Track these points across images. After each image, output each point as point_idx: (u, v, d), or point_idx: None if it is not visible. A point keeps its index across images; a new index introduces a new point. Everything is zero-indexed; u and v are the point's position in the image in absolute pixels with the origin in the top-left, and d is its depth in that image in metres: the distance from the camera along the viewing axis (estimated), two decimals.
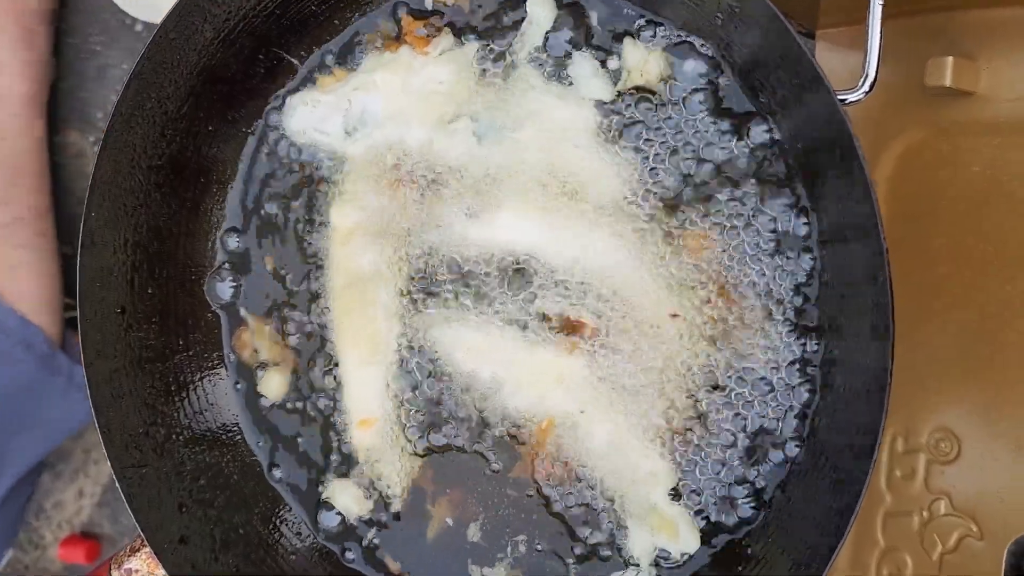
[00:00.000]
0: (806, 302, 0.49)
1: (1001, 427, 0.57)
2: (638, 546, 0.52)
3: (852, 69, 0.61)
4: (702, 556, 0.52)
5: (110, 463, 0.53)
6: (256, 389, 0.59)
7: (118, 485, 0.52)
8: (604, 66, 0.52)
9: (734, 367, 0.50)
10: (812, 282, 0.49)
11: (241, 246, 0.59)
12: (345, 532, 0.58)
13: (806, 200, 0.49)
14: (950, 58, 0.57)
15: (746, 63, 0.49)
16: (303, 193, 0.58)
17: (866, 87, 0.46)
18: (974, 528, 0.57)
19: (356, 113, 0.56)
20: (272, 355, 0.59)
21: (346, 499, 0.57)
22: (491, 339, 0.54)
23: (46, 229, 0.97)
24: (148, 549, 0.52)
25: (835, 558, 0.41)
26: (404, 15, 0.56)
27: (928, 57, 0.58)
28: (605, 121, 0.52)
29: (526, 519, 0.55)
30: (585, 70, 0.52)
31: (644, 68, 0.51)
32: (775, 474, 0.50)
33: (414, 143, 0.55)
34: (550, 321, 0.53)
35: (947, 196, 0.58)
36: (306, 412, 0.58)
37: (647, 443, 0.52)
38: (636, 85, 0.51)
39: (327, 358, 0.58)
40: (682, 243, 0.51)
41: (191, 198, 0.58)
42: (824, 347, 0.49)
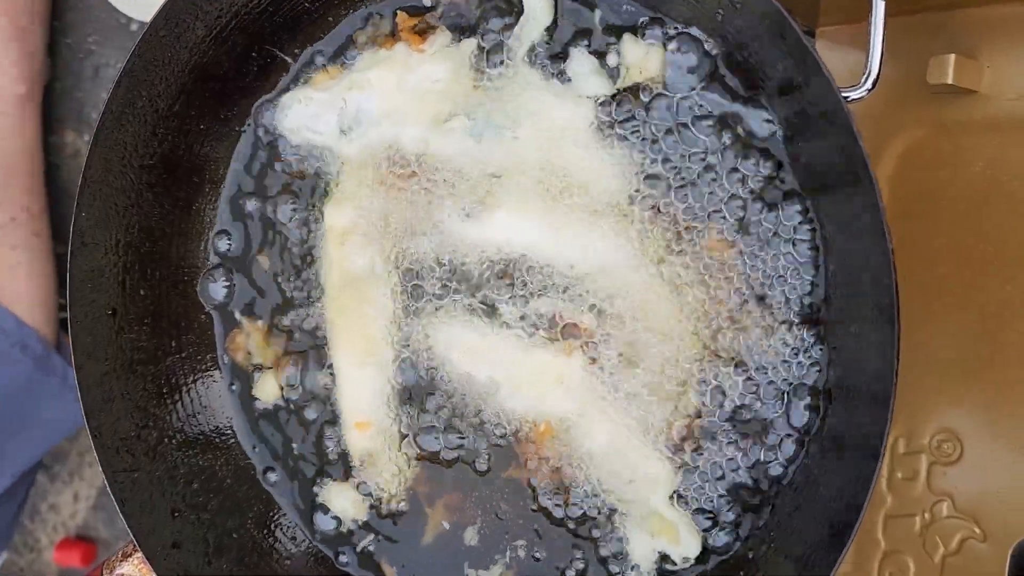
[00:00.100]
0: (809, 303, 0.49)
1: (1004, 428, 0.56)
2: (638, 551, 0.52)
3: (852, 67, 0.61)
4: (703, 560, 0.51)
5: (101, 467, 0.52)
6: (251, 392, 0.59)
7: (109, 490, 0.52)
8: (603, 63, 0.52)
9: (736, 369, 0.50)
10: (816, 283, 0.49)
11: (233, 248, 0.59)
12: (340, 535, 0.58)
13: (809, 198, 0.49)
14: (952, 55, 0.56)
15: (748, 59, 0.49)
16: (297, 193, 0.57)
17: (868, 84, 0.46)
18: (977, 530, 0.56)
19: (351, 112, 0.55)
20: (266, 357, 0.59)
21: (342, 502, 0.57)
22: (488, 340, 0.53)
23: (41, 229, 0.97)
24: (140, 554, 0.52)
25: (839, 564, 0.40)
26: (400, 12, 0.55)
27: (929, 55, 0.57)
28: (604, 119, 0.51)
29: (525, 524, 0.55)
30: (583, 67, 0.52)
31: (643, 65, 0.50)
32: (778, 477, 0.50)
33: (410, 142, 0.54)
34: (548, 322, 0.53)
35: (947, 196, 0.58)
36: (301, 415, 0.58)
37: (647, 446, 0.51)
38: (636, 82, 0.51)
39: (322, 360, 0.58)
40: (682, 243, 0.50)
41: (183, 198, 0.58)
42: (828, 348, 0.49)
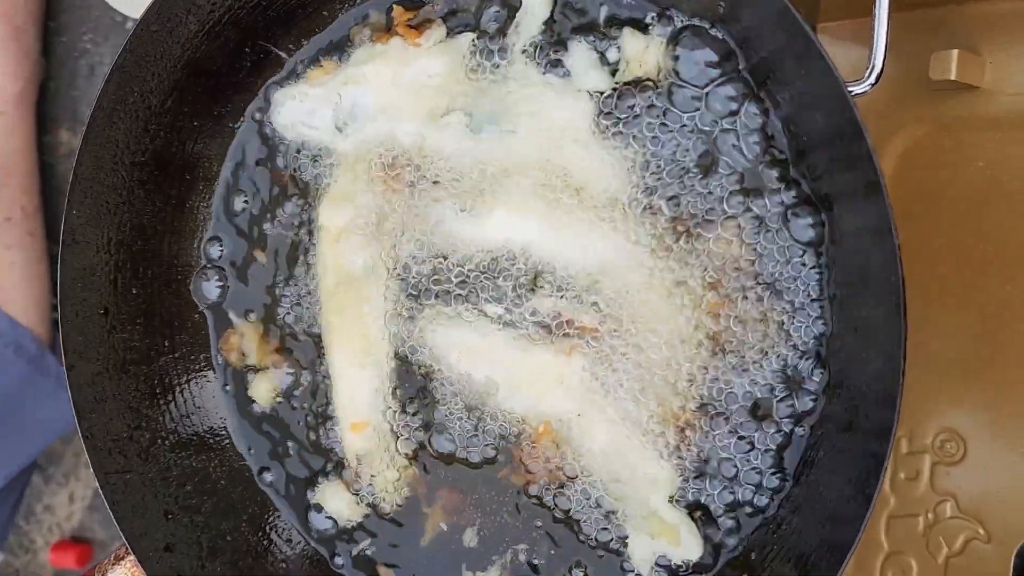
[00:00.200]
0: (814, 303, 0.49)
1: (1007, 428, 0.56)
2: (638, 553, 0.52)
3: (854, 63, 0.61)
4: (704, 563, 0.51)
5: (92, 469, 0.52)
6: (246, 393, 0.58)
7: (101, 492, 0.52)
8: (603, 57, 0.51)
9: (738, 369, 0.50)
10: (820, 282, 0.48)
11: (224, 254, 0.58)
12: (336, 536, 0.57)
13: (814, 195, 0.48)
14: (955, 51, 0.56)
15: (750, 52, 0.49)
16: (292, 190, 0.57)
17: (872, 79, 0.45)
18: (981, 531, 0.56)
19: (346, 107, 0.55)
20: (261, 358, 0.58)
21: (337, 503, 0.57)
22: (486, 340, 0.53)
23: (35, 229, 0.97)
24: (133, 557, 0.51)
25: (844, 567, 0.40)
26: (395, 6, 0.55)
27: (930, 52, 0.57)
28: (604, 114, 0.51)
29: (524, 527, 0.54)
30: (583, 61, 0.51)
31: (643, 59, 0.50)
32: (781, 479, 0.50)
33: (406, 138, 0.54)
34: (547, 321, 0.52)
35: (947, 196, 0.58)
36: (297, 415, 0.58)
37: (647, 447, 0.51)
38: (636, 77, 0.50)
39: (318, 360, 0.57)
40: (684, 241, 0.50)
41: (176, 195, 0.57)
42: (832, 349, 0.48)
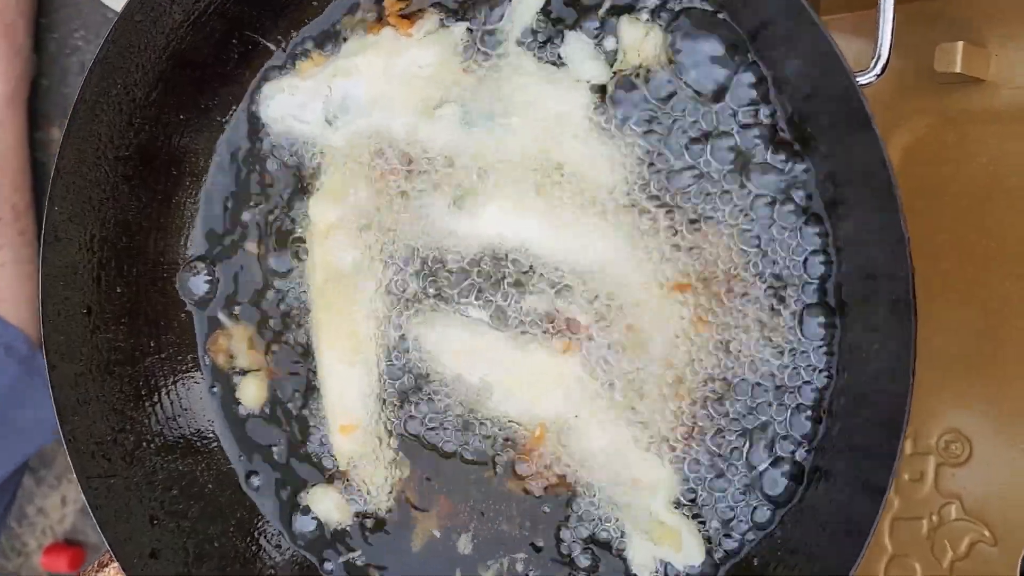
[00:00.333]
0: (819, 299, 0.48)
1: (1013, 428, 0.56)
2: (639, 558, 0.51)
3: (856, 56, 0.60)
4: (707, 569, 0.50)
5: (75, 473, 0.51)
6: (234, 395, 0.58)
7: (83, 496, 0.51)
8: (599, 46, 0.50)
9: (741, 367, 0.49)
10: (825, 278, 0.48)
11: (212, 249, 0.57)
12: (325, 541, 0.57)
13: (819, 189, 0.48)
14: (961, 43, 0.55)
15: (753, 42, 0.48)
16: (281, 185, 0.56)
17: (878, 69, 0.44)
18: (987, 534, 0.55)
19: (337, 100, 0.54)
20: (250, 360, 0.58)
21: (326, 507, 0.56)
22: (479, 340, 0.52)
23: (26, 228, 0.97)
24: (117, 564, 0.51)
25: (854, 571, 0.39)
26: None
27: (933, 44, 0.57)
28: (600, 105, 0.50)
29: (522, 535, 0.53)
30: (579, 51, 0.50)
31: (641, 47, 0.49)
32: (786, 482, 0.49)
33: (398, 131, 0.53)
34: (542, 319, 0.51)
35: (950, 191, 0.57)
36: (286, 417, 0.57)
37: (647, 449, 0.50)
38: (634, 66, 0.50)
39: (308, 360, 0.56)
40: (684, 235, 0.49)
41: (162, 190, 0.56)
42: (837, 349, 0.47)
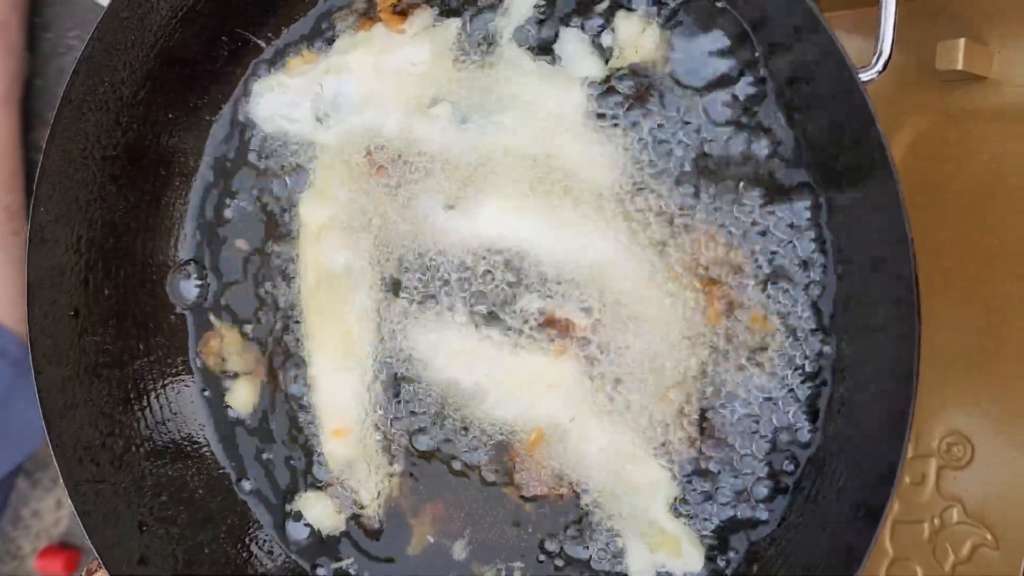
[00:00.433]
0: (819, 299, 0.47)
1: (1016, 430, 0.55)
2: (637, 565, 0.50)
3: (856, 54, 0.60)
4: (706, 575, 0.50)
5: (62, 479, 0.51)
6: (225, 398, 0.57)
7: (71, 502, 0.50)
8: (596, 42, 0.50)
9: (740, 369, 0.48)
10: (825, 279, 0.47)
11: (202, 251, 0.57)
12: (317, 547, 0.56)
13: (819, 187, 0.47)
14: (962, 40, 0.55)
15: (754, 38, 0.47)
16: (271, 185, 0.56)
17: (879, 65, 0.44)
18: (989, 537, 0.55)
19: (327, 98, 0.54)
20: (241, 364, 0.57)
21: (319, 513, 0.56)
22: (473, 343, 0.52)
23: (20, 229, 0.97)
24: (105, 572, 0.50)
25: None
26: None
27: (934, 42, 0.56)
28: (597, 103, 0.50)
29: (516, 542, 0.53)
30: (574, 48, 0.50)
31: (638, 43, 0.49)
32: (786, 485, 0.48)
33: (390, 130, 0.53)
34: (537, 322, 0.51)
35: (952, 189, 0.57)
36: (277, 421, 0.57)
37: (645, 453, 0.50)
38: (631, 63, 0.49)
39: (299, 364, 0.56)
40: (682, 236, 0.49)
41: (151, 191, 0.56)
42: (838, 347, 0.47)
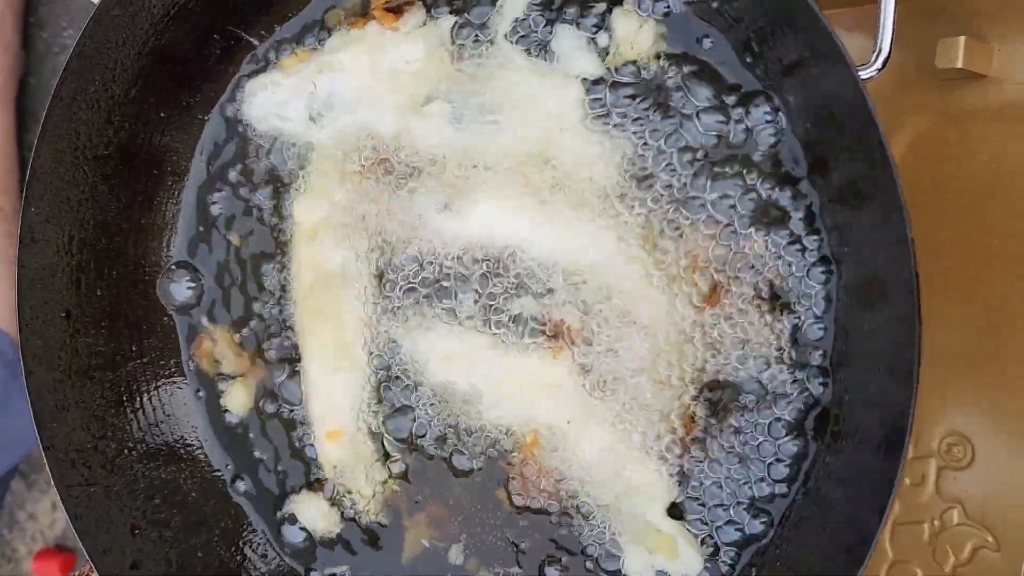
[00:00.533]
0: (818, 300, 0.47)
1: (1016, 430, 0.55)
2: (635, 566, 0.50)
3: (856, 52, 0.60)
4: None
5: (54, 482, 0.50)
6: (219, 400, 0.57)
7: (62, 506, 0.50)
8: (592, 39, 0.50)
9: (738, 370, 0.48)
10: (825, 279, 0.47)
11: (195, 252, 0.57)
12: (309, 549, 0.56)
13: (818, 186, 0.47)
14: (962, 38, 0.55)
15: (753, 35, 0.47)
16: (265, 185, 0.56)
17: (879, 63, 0.44)
18: (990, 539, 0.55)
19: (321, 97, 0.54)
20: (236, 366, 0.57)
21: (312, 514, 0.55)
22: (468, 345, 0.51)
23: (14, 230, 0.96)
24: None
25: None
26: None
27: (935, 38, 0.56)
28: (593, 101, 0.49)
29: (513, 546, 0.52)
30: (570, 45, 0.50)
31: (636, 40, 0.48)
32: (786, 486, 0.48)
33: (384, 129, 0.52)
34: (533, 323, 0.51)
35: (952, 189, 0.57)
36: (271, 424, 0.56)
37: (642, 455, 0.49)
38: (628, 60, 0.49)
39: (294, 365, 0.55)
40: (680, 235, 0.48)
41: (143, 191, 0.56)
42: (837, 348, 0.47)
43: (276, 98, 0.54)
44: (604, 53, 0.49)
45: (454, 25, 0.52)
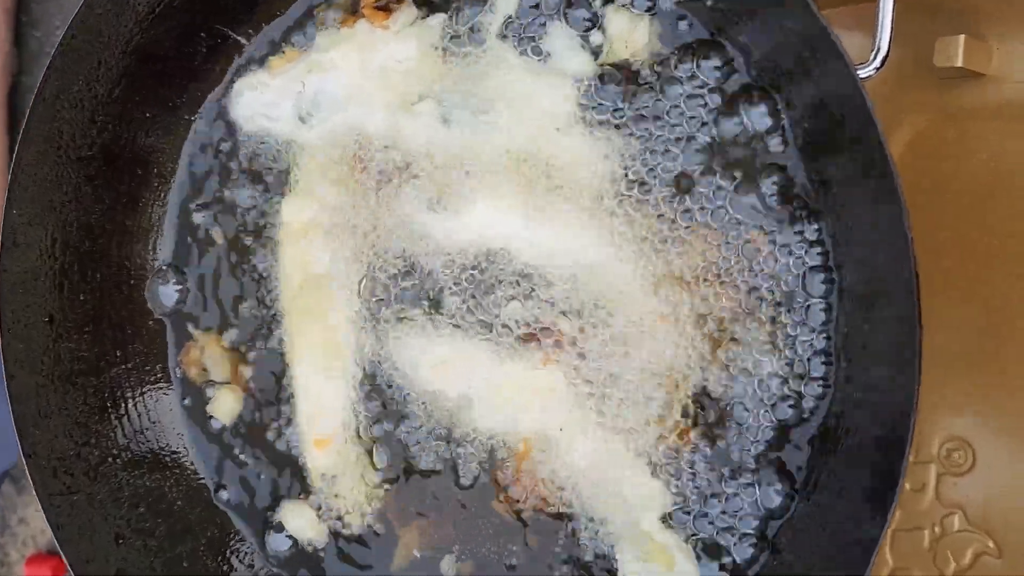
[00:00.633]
0: (817, 303, 0.47)
1: (1017, 434, 0.55)
2: None
3: (854, 50, 0.60)
4: None
5: (35, 490, 0.50)
6: (206, 407, 0.56)
7: (44, 515, 0.49)
8: (585, 37, 0.49)
9: (735, 376, 0.48)
10: (824, 280, 0.46)
11: (181, 255, 0.56)
12: (297, 559, 0.55)
13: (817, 188, 0.46)
14: (962, 36, 0.55)
15: (751, 33, 0.47)
16: (253, 186, 0.55)
17: (877, 62, 0.44)
18: (991, 544, 0.55)
19: (309, 96, 0.53)
20: (223, 372, 0.56)
21: (300, 523, 0.55)
22: (458, 351, 0.51)
23: None
24: None
25: None
26: None
27: (934, 36, 0.56)
28: (586, 100, 0.49)
29: (506, 557, 0.52)
30: (563, 43, 0.49)
31: (629, 38, 0.48)
32: (783, 495, 0.48)
33: (374, 128, 0.52)
34: (524, 328, 0.50)
35: (952, 188, 0.57)
36: (259, 431, 0.56)
37: (636, 463, 0.49)
38: (621, 58, 0.49)
39: (283, 371, 0.55)
40: (674, 237, 0.48)
41: (128, 192, 0.55)
42: (838, 351, 0.46)
43: (264, 98, 0.54)
44: (598, 51, 0.49)
45: (445, 23, 0.51)
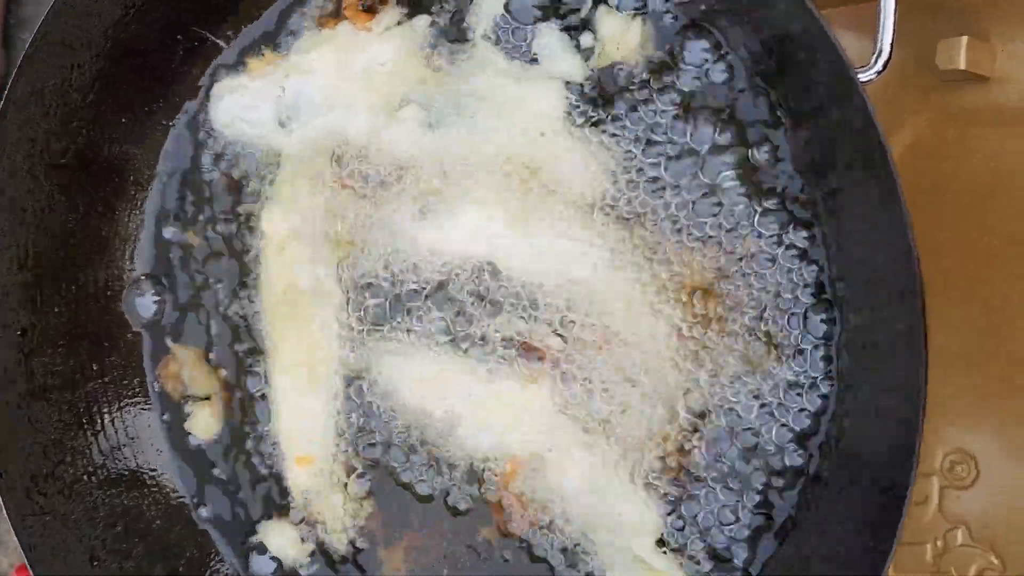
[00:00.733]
0: (816, 309, 0.46)
1: (1021, 443, 0.54)
2: None
3: (855, 52, 0.60)
4: None
5: (6, 511, 0.49)
6: (185, 424, 0.55)
7: (15, 536, 0.48)
8: (575, 39, 0.49)
9: (730, 391, 0.47)
10: (823, 282, 0.46)
11: (159, 266, 0.55)
12: None
13: (815, 189, 0.46)
14: (964, 37, 0.54)
15: (748, 36, 0.46)
16: (232, 194, 0.54)
17: (879, 65, 0.43)
18: (995, 560, 0.54)
19: (290, 100, 0.53)
20: (202, 387, 0.55)
21: (282, 542, 0.54)
22: (444, 367, 0.50)
23: None
24: None
25: None
26: None
27: (936, 35, 0.56)
28: (577, 104, 0.49)
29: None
30: (552, 45, 0.49)
31: (622, 40, 0.47)
32: (779, 516, 0.47)
33: (356, 134, 0.52)
34: (512, 344, 0.49)
35: (952, 189, 0.57)
36: (239, 448, 0.55)
37: (627, 484, 0.48)
38: (613, 61, 0.48)
39: (263, 387, 0.54)
40: (667, 248, 0.47)
41: (103, 200, 0.55)
42: (838, 361, 0.46)
43: (243, 102, 0.53)
44: (588, 54, 0.48)
45: (429, 25, 0.50)
